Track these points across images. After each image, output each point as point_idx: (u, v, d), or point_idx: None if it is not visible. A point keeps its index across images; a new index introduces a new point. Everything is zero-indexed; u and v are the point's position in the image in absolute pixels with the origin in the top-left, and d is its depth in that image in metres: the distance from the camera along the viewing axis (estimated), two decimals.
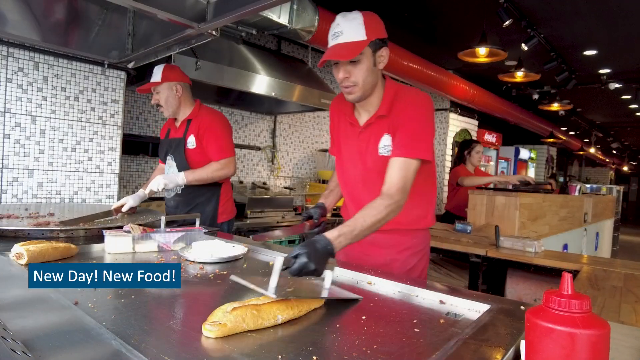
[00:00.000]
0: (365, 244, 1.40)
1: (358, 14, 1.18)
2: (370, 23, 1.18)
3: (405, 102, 1.27)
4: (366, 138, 1.32)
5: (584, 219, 4.43)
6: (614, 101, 7.77)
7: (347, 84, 1.23)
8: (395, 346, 0.73)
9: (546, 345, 0.55)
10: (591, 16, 3.95)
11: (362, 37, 1.16)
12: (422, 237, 1.46)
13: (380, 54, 1.23)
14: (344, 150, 1.41)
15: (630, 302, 1.48)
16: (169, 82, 2.04)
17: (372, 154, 1.31)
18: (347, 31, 1.16)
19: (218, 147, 2.05)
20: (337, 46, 1.17)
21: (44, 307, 0.79)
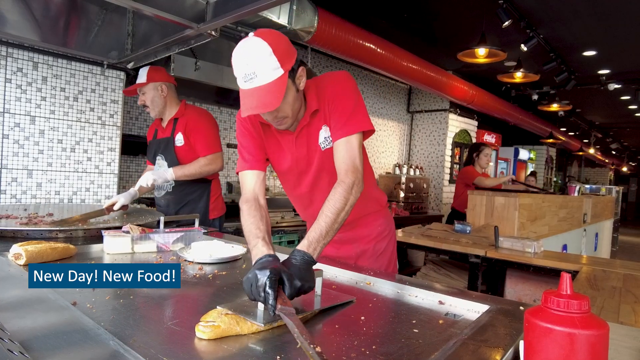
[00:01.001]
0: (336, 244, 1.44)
1: (260, 40, 0.99)
2: (279, 49, 1.00)
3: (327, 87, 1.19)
4: (304, 141, 1.23)
5: (584, 220, 4.44)
6: (613, 102, 7.78)
7: (277, 121, 1.13)
8: (394, 347, 0.73)
9: (545, 345, 0.55)
10: (590, 17, 3.95)
11: (278, 73, 1.00)
12: (383, 219, 1.47)
13: (299, 75, 1.09)
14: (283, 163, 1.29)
15: (629, 302, 1.48)
16: (154, 83, 2.07)
17: (316, 152, 1.23)
18: (260, 70, 0.98)
19: (205, 143, 2.08)
20: (256, 92, 1.00)
21: (42, 308, 0.79)
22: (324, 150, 1.22)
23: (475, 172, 3.89)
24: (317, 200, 1.30)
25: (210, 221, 2.20)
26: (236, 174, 1.40)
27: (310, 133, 1.22)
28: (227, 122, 3.82)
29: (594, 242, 5.04)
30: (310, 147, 1.23)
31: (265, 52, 0.98)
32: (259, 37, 1.00)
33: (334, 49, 3.41)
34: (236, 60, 1.02)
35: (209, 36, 1.83)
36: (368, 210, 1.42)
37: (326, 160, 1.23)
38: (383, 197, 1.50)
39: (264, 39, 0.99)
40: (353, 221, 1.37)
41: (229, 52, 3.01)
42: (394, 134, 6.21)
